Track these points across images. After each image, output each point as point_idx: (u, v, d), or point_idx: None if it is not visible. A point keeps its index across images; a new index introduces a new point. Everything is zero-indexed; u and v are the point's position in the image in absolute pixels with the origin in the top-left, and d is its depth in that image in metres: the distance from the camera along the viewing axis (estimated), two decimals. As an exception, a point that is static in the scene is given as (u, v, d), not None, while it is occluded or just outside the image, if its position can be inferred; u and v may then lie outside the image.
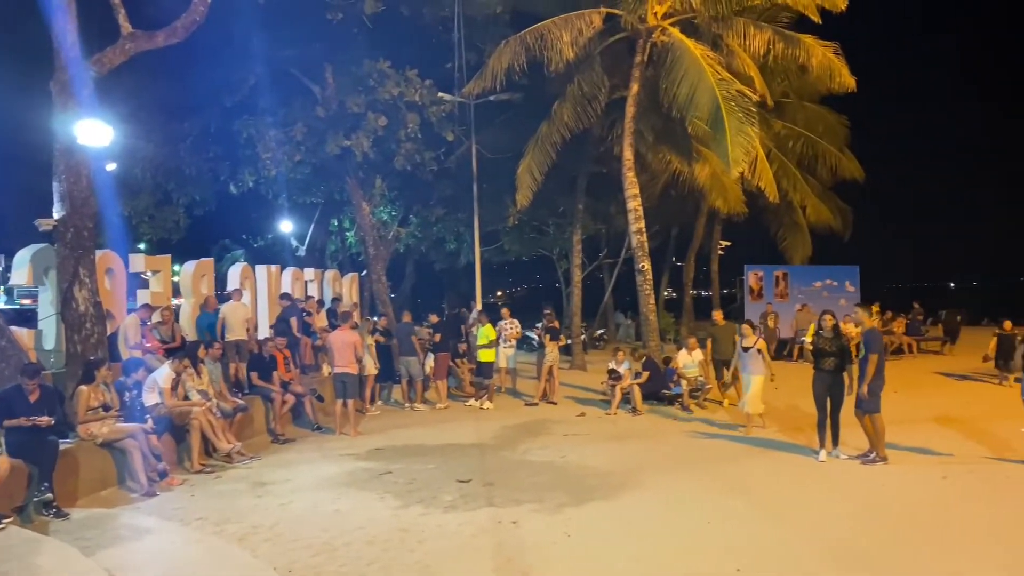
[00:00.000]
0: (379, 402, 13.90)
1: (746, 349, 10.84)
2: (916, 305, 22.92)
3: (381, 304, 18.15)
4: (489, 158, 18.45)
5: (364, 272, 19.65)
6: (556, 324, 14.66)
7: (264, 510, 7.42)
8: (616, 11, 14.92)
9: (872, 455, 8.79)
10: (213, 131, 17.15)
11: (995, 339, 15.13)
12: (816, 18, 14.88)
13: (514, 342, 14.98)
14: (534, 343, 16.93)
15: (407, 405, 13.72)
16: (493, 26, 17.17)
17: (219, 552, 6.25)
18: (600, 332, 26.90)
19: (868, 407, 8.71)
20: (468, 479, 8.39)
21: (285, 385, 11.48)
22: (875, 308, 19.11)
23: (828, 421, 9.06)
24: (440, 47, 17.11)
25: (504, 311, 15.15)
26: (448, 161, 18.51)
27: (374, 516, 7.13)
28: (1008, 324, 15.16)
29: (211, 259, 14.17)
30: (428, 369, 13.96)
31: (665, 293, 32.72)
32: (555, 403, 13.81)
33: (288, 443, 10.81)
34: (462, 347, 15.11)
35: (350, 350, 11.42)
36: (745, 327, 11.11)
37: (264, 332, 13.53)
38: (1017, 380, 12.26)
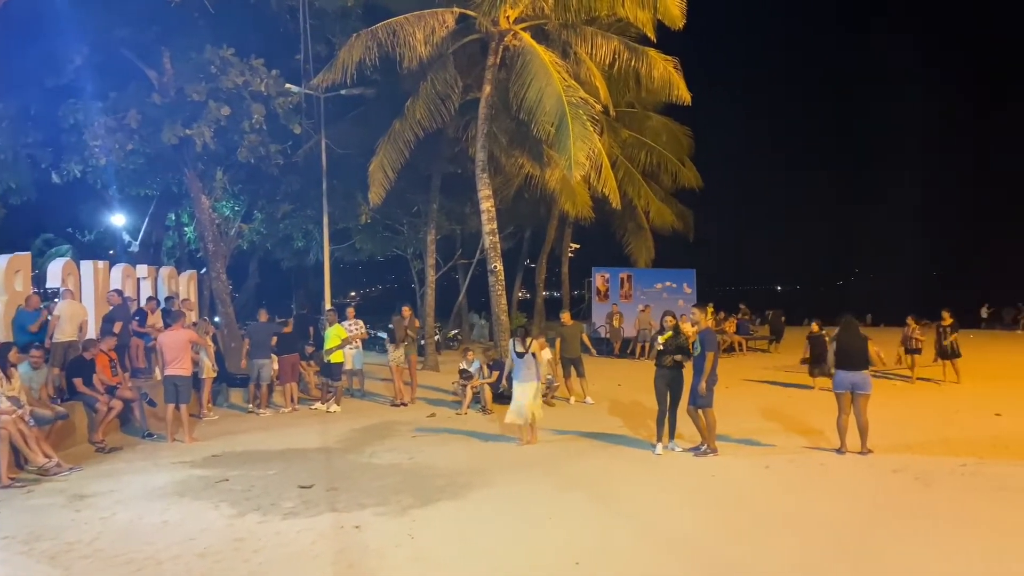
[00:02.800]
0: (210, 405, 13.20)
1: (520, 355, 10.14)
2: (743, 306, 24.61)
3: (221, 304, 17.23)
4: (340, 153, 18.00)
5: (203, 270, 18.57)
6: (399, 324, 14.21)
7: (82, 525, 6.82)
8: (470, 12, 14.96)
9: (704, 448, 9.29)
10: (33, 114, 15.61)
11: (807, 341, 15.27)
12: (652, 35, 15.61)
13: (359, 343, 14.69)
14: (385, 344, 16.66)
15: (250, 409, 13.11)
16: (344, 19, 16.73)
17: (27, 573, 5.68)
18: (454, 332, 26.95)
19: (702, 402, 9.20)
20: (310, 484, 8.11)
21: (112, 390, 10.64)
22: (710, 309, 20.23)
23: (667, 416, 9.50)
24: (288, 37, 16.45)
25: (349, 311, 14.81)
26: (296, 155, 17.87)
27: (207, 526, 6.74)
28: (815, 326, 15.46)
29: (27, 253, 12.92)
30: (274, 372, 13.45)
31: (519, 294, 33.26)
32: (405, 404, 13.66)
33: (114, 452, 10.02)
34: (309, 349, 14.63)
35: (183, 351, 10.74)
36: (534, 341, 10.41)
37: (92, 333, 12.49)
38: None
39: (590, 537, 6.36)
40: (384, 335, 18.37)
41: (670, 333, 9.51)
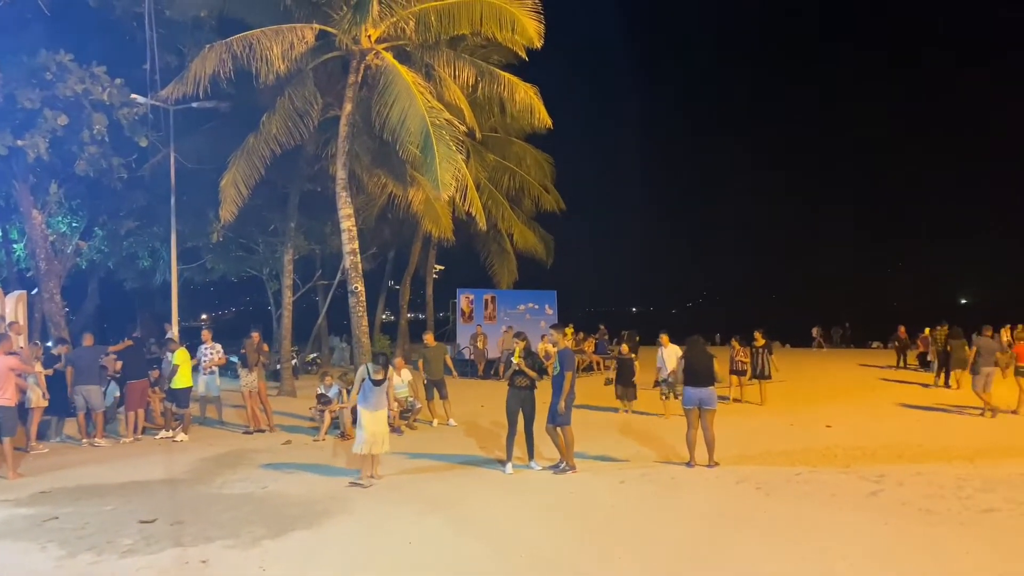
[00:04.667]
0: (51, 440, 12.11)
1: (377, 383, 9.20)
2: (602, 327, 25.45)
3: (55, 327, 15.87)
4: (191, 168, 17.10)
5: (35, 290, 17.06)
6: (250, 348, 13.65)
7: None
8: (330, 29, 14.72)
9: (562, 465, 9.48)
10: None
11: (615, 363, 15.13)
12: (523, 54, 15.97)
13: (216, 368, 13.99)
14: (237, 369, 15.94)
15: (84, 441, 12.12)
16: (197, 30, 16.02)
17: None
18: (313, 356, 26.17)
19: (560, 420, 9.39)
20: (152, 519, 7.58)
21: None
22: (569, 330, 20.82)
23: (520, 435, 9.60)
24: (135, 46, 15.52)
25: (204, 334, 14.08)
26: (142, 169, 16.81)
27: (33, 568, 6.18)
28: (624, 347, 15.23)
29: None
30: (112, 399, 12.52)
31: (383, 316, 32.79)
32: (261, 431, 13.09)
33: (-80, 493, 8.96)
34: (154, 374, 13.75)
35: (5, 379, 9.79)
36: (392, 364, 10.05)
37: None
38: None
39: (450, 559, 6.32)
40: (236, 359, 17.60)
41: (523, 345, 9.67)
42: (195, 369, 13.51)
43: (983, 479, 8.61)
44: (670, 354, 13.99)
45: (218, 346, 14.09)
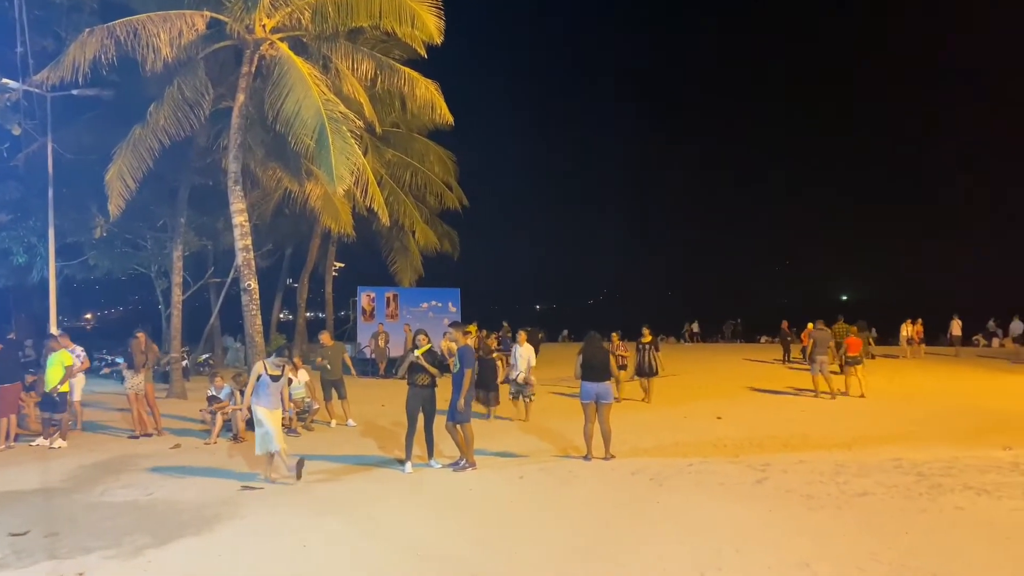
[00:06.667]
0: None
1: (276, 379, 9.07)
2: (506, 324, 25.57)
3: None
4: (72, 159, 16.14)
5: None
6: (136, 349, 13.00)
7: None
8: (222, 17, 14.18)
9: (462, 462, 9.47)
10: None
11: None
12: (422, 51, 15.84)
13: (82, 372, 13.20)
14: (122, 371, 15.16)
15: (-52, 450, 11.25)
16: (76, 12, 15.18)
17: None
18: (206, 356, 25.17)
19: (460, 418, 9.39)
20: (24, 531, 7.10)
21: None
22: (472, 328, 20.83)
23: (419, 434, 9.53)
24: (6, 26, 14.55)
25: (62, 338, 13.22)
26: (16, 159, 15.78)
27: None
28: (493, 342, 15.43)
29: None
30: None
31: (280, 315, 31.90)
32: (149, 435, 12.49)
33: None
34: (30, 378, 12.90)
35: None
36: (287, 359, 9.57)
37: None
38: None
39: (346, 560, 6.21)
40: (122, 360, 16.74)
41: (427, 347, 9.61)
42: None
43: (859, 465, 9.14)
44: (524, 353, 13.61)
45: (80, 348, 13.24)
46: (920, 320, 25.38)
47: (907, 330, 25.06)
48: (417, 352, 9.60)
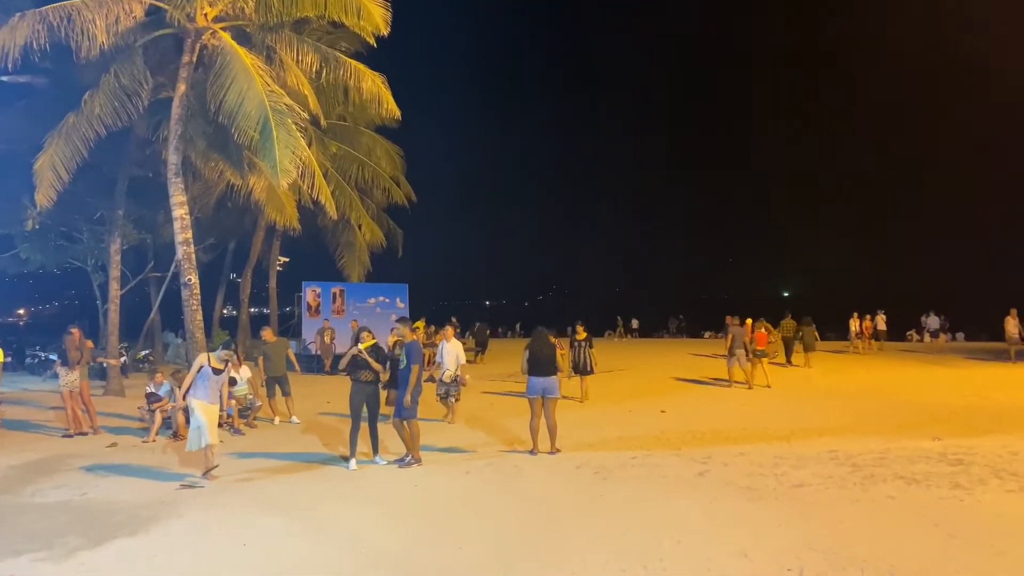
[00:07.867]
0: None
1: (218, 372, 9.00)
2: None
3: None
4: (1, 148, 15.53)
5: None
6: (71, 345, 12.56)
7: None
8: (162, 4, 13.78)
9: (408, 458, 9.42)
10: None
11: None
12: (371, 41, 15.62)
13: None
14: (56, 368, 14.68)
15: None
16: (6, -5, 14.54)
17: None
18: (145, 353, 24.54)
19: (407, 414, 9.33)
20: (-53, 536, 6.83)
21: None
22: (420, 324, 20.76)
23: (363, 431, 9.45)
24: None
25: None
26: (-60, 148, 15.12)
27: None
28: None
29: None
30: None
31: (224, 311, 31.26)
32: (84, 433, 12.11)
33: None
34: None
35: None
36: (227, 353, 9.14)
37: None
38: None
39: (290, 560, 6.11)
40: (56, 357, 16.20)
41: (371, 343, 9.52)
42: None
43: (796, 457, 9.37)
44: (451, 349, 12.76)
45: None
46: (869, 316, 26.09)
47: (855, 324, 25.76)
48: (361, 346, 9.49)
